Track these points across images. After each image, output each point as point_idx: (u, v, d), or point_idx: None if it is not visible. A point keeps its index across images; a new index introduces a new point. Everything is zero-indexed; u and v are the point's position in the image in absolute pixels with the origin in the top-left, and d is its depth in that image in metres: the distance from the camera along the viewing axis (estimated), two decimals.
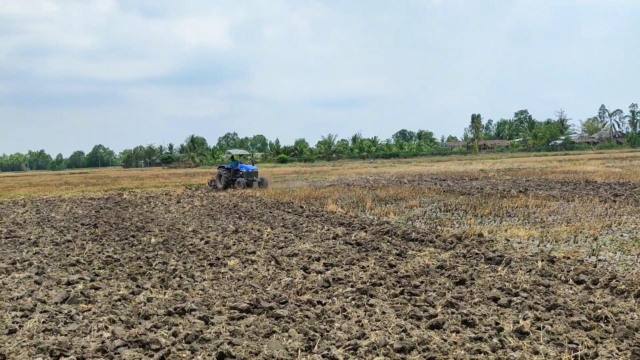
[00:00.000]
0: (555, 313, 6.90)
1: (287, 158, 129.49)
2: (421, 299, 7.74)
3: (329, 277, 9.19)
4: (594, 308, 6.99)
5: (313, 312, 7.33)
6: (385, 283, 8.75)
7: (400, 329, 6.48)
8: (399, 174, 48.92)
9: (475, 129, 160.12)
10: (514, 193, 24.01)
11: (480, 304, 7.46)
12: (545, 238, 12.62)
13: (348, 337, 6.25)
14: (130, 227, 17.24)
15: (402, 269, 9.71)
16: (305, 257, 11.14)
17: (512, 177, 35.49)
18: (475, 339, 6.07)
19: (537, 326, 6.39)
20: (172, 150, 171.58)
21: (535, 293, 7.90)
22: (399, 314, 7.15)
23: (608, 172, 36.40)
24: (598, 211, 16.97)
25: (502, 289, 8.19)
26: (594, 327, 6.34)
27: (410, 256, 10.93)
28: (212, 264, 10.95)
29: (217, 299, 8.26)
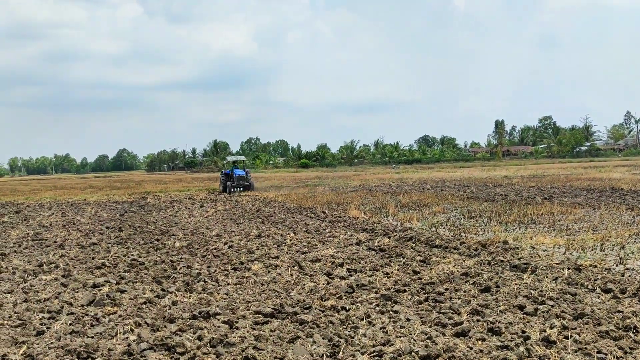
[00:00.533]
0: (583, 322, 6.81)
1: (309, 163, 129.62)
2: (446, 306, 7.69)
3: (353, 283, 9.18)
4: (622, 317, 6.89)
5: (337, 318, 7.32)
6: (410, 289, 8.71)
7: (426, 336, 6.44)
8: (421, 179, 48.72)
9: (498, 135, 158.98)
10: (539, 200, 23.78)
11: (506, 312, 7.39)
12: (571, 246, 12.47)
13: (373, 344, 6.23)
14: (155, 231, 17.38)
15: (426, 276, 9.66)
16: (328, 263, 11.13)
17: (537, 184, 35.15)
18: (502, 347, 6.01)
19: (564, 335, 6.32)
20: (195, 154, 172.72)
21: (561, 301, 7.81)
22: (424, 320, 7.11)
23: (635, 180, 35.90)
24: (625, 219, 16.74)
25: (528, 297, 8.11)
26: (622, 336, 6.25)
27: (434, 263, 10.87)
28: (235, 268, 10.99)
29: (241, 303, 8.29)
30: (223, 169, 42.27)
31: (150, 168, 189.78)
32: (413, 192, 31.91)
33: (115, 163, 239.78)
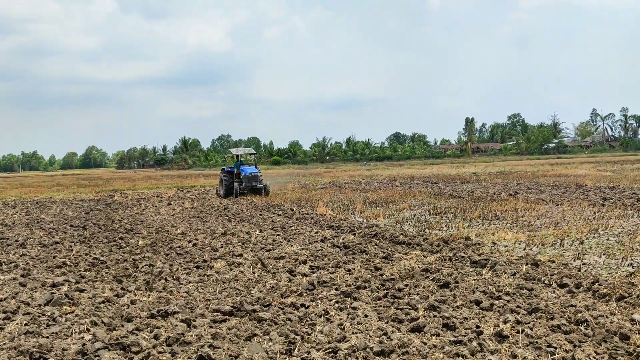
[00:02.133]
0: (536, 316, 6.93)
1: (280, 160, 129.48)
2: (404, 302, 7.75)
3: (314, 280, 9.20)
4: (574, 312, 7.02)
5: (296, 315, 7.34)
6: (370, 286, 8.76)
7: (381, 332, 6.49)
8: (391, 176, 49.00)
9: (468, 132, 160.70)
10: (504, 196, 24.08)
11: (463, 307, 7.48)
12: (531, 241, 12.66)
13: (329, 340, 6.26)
14: (119, 229, 17.22)
15: (388, 272, 9.73)
16: (292, 260, 11.15)
17: (504, 181, 35.60)
18: (455, 342, 6.09)
19: (517, 330, 6.42)
20: (166, 151, 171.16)
21: (517, 296, 7.94)
22: (381, 317, 7.17)
23: (599, 176, 36.57)
24: (586, 215, 17.05)
25: (485, 292, 8.22)
26: (573, 330, 6.37)
27: (396, 259, 10.95)
28: (198, 266, 10.95)
29: (200, 301, 8.26)
30: (225, 166, 32.13)
31: (119, 165, 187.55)
32: (382, 188, 32.09)
33: (84, 161, 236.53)
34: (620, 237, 13.03)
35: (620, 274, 9.24)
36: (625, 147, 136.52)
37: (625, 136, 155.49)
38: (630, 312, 7.15)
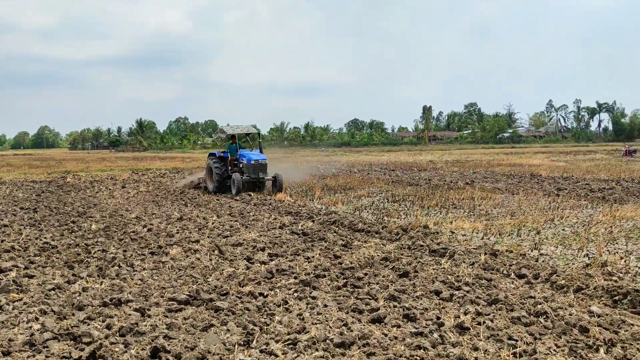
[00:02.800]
0: (496, 308, 6.91)
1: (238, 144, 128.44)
2: (364, 292, 7.66)
3: (273, 268, 9.04)
4: (534, 303, 7.03)
5: (254, 305, 7.16)
6: (329, 275, 8.65)
7: (342, 323, 6.38)
8: (349, 163, 49.04)
9: (426, 120, 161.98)
10: (461, 185, 24.29)
11: (423, 298, 7.43)
12: (489, 231, 12.73)
13: (288, 331, 6.12)
14: (71, 213, 16.72)
15: (347, 260, 9.63)
16: (249, 247, 10.95)
17: (460, 169, 35.95)
18: (416, 334, 6.01)
19: (477, 321, 6.38)
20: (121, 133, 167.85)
21: (477, 287, 7.92)
22: (341, 307, 7.05)
23: (552, 166, 37.24)
24: (541, 205, 17.27)
25: (445, 282, 8.19)
26: (533, 322, 6.37)
27: (355, 247, 10.87)
28: (153, 252, 10.66)
29: (155, 289, 8.02)
30: (216, 148, 25.75)
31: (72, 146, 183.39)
32: (340, 175, 32.03)
33: (35, 141, 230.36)
34: (575, 227, 13.22)
35: (577, 265, 9.33)
36: (577, 138, 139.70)
37: (577, 127, 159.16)
38: (588, 303, 7.20)
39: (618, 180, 25.27)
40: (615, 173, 30.08)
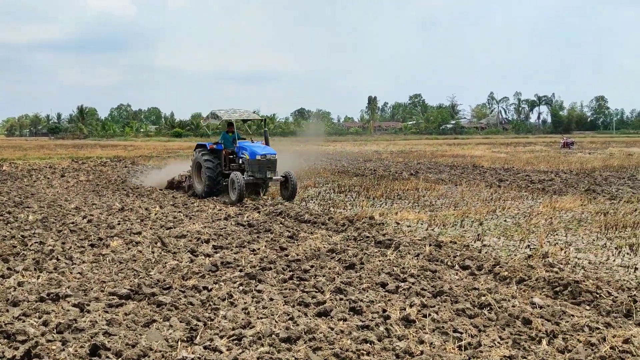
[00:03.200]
0: (441, 300, 6.96)
1: (182, 132, 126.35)
2: (310, 285, 7.60)
3: (217, 261, 8.88)
4: (478, 295, 7.11)
5: (198, 299, 7.01)
6: (275, 267, 8.54)
7: (288, 317, 6.29)
8: (295, 152, 48.88)
9: (371, 110, 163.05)
10: (405, 175, 24.53)
11: (369, 290, 7.41)
12: (433, 222, 12.87)
13: (233, 327, 6.00)
14: (7, 203, 16.07)
15: (293, 252, 9.55)
16: (194, 239, 10.73)
17: (405, 159, 36.32)
18: (362, 327, 5.99)
19: (423, 314, 6.40)
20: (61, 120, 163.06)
21: (422, 279, 7.96)
22: (287, 300, 6.97)
23: (494, 157, 38.01)
24: (484, 196, 17.58)
25: (391, 274, 8.20)
26: (477, 314, 6.43)
27: (302, 239, 10.79)
28: (93, 244, 10.32)
29: (95, 283, 7.75)
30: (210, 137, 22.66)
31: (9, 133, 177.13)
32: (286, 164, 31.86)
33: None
34: (517, 218, 13.49)
35: (519, 257, 9.50)
36: (517, 129, 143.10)
37: (517, 119, 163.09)
38: (530, 295, 7.33)
39: (557, 172, 25.96)
40: (554, 164, 30.92)
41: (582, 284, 7.42)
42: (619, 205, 15.12)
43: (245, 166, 16.99)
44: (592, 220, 13.12)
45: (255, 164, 16.66)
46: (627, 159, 36.02)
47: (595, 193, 17.85)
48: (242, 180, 16.04)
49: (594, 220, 13.07)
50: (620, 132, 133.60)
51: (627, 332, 5.83)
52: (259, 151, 16.75)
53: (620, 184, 20.57)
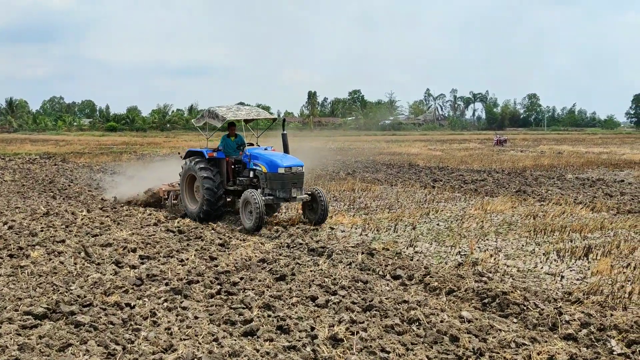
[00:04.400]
0: (371, 315, 6.87)
1: (117, 126, 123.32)
2: (238, 300, 7.38)
3: (143, 273, 8.55)
4: (407, 308, 7.05)
5: (119, 318, 6.69)
6: (203, 280, 8.27)
7: (212, 338, 6.07)
8: None
9: (311, 105, 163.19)
10: (342, 175, 24.53)
11: (298, 305, 7.26)
12: (367, 226, 12.84)
13: (153, 350, 5.73)
14: None
15: (223, 263, 9.30)
16: (120, 248, 10.31)
17: (342, 157, 36.37)
18: (289, 348, 5.83)
19: (352, 331, 6.28)
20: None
21: (353, 291, 7.86)
22: (213, 318, 6.74)
23: (430, 155, 38.54)
24: (418, 197, 17.71)
25: (322, 285, 8.07)
26: (406, 331, 6.37)
27: (233, 247, 10.56)
28: (12, 254, 9.79)
29: (10, 301, 7.30)
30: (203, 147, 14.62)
31: None
32: None
33: None
34: (449, 222, 13.61)
35: (450, 265, 9.55)
36: (453, 126, 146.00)
37: (453, 116, 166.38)
38: (460, 307, 7.34)
39: (489, 171, 26.46)
40: (487, 163, 31.55)
41: (510, 295, 7.47)
42: (548, 208, 15.47)
43: (261, 182, 13.22)
44: (521, 223, 13.35)
45: (277, 179, 12.90)
46: (557, 157, 37.10)
47: (525, 194, 18.24)
48: (260, 202, 12.27)
49: (524, 223, 13.31)
50: (551, 128, 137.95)
51: (552, 348, 5.88)
52: (281, 162, 12.99)
53: (550, 184, 21.10)
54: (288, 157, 13.37)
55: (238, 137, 14.71)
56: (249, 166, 13.63)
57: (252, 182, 13.53)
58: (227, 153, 14.15)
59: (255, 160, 13.45)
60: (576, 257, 10.21)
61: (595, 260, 9.94)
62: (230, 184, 13.98)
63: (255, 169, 13.39)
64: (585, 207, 15.43)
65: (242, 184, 13.72)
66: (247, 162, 13.68)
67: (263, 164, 13.17)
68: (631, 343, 6.10)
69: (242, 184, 13.73)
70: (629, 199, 17.38)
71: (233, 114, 14.30)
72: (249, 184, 13.58)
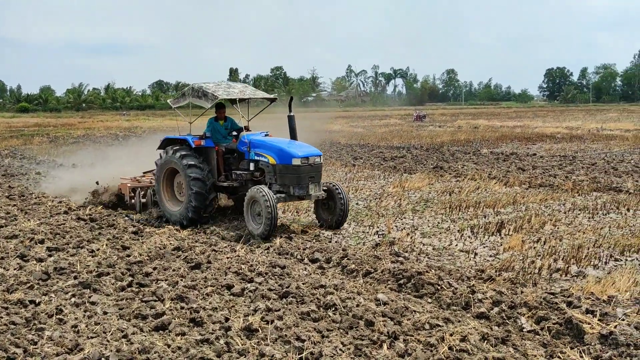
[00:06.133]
0: (287, 302, 6.77)
1: (29, 107, 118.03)
2: (150, 292, 7.11)
3: (50, 267, 8.13)
4: (324, 293, 6.99)
5: (22, 317, 6.33)
6: (114, 272, 7.95)
7: (121, 334, 5.82)
8: (152, 129, 47.14)
9: None
10: None
11: (213, 295, 7.07)
12: (286, 208, 12.76)
13: (57, 352, 5.43)
14: None
15: (136, 252, 8.99)
16: (26, 240, 9.77)
17: None
18: (202, 342, 5.66)
19: (267, 320, 6.18)
20: None
21: (270, 277, 7.75)
22: (123, 313, 6.47)
23: (351, 133, 38.82)
24: (339, 176, 17.78)
25: (238, 273, 7.92)
26: (322, 317, 6.31)
27: (147, 235, 10.23)
28: None
29: None
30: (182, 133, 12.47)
31: None
32: (141, 144, 30.57)
33: None
34: (368, 201, 13.70)
35: (368, 245, 9.60)
36: (374, 102, 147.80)
37: (375, 92, 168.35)
38: (376, 289, 7.36)
39: (409, 147, 26.88)
40: (406, 139, 32.06)
41: (425, 275, 7.55)
42: (464, 183, 15.82)
43: (268, 176, 10.92)
44: (438, 200, 13.59)
45: (290, 172, 10.54)
46: (473, 132, 38.10)
47: (442, 170, 18.61)
48: (273, 202, 9.96)
49: (440, 200, 13.55)
50: (468, 103, 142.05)
51: (465, 328, 5.95)
52: (296, 151, 10.64)
53: (466, 160, 21.62)
54: (302, 145, 11.05)
55: (228, 121, 12.34)
56: (248, 157, 11.26)
57: (253, 177, 11.18)
58: (216, 140, 11.80)
59: (257, 150, 11.05)
60: (489, 233, 10.47)
61: (507, 236, 10.22)
62: (221, 178, 11.54)
63: (259, 161, 11.01)
64: (499, 182, 15.88)
65: (240, 179, 11.29)
66: (246, 152, 11.28)
67: (270, 154, 10.77)
68: (540, 319, 6.26)
69: (240, 179, 11.28)
70: (540, 172, 18.01)
71: (225, 92, 11.88)
72: (248, 179, 11.20)
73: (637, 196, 13.63)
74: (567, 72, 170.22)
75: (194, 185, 10.92)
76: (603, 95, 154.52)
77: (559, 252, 9.06)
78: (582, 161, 20.77)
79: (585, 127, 42.09)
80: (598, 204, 12.74)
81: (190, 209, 11.06)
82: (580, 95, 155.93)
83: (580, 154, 23.44)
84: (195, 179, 10.93)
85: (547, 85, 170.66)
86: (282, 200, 10.63)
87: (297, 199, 10.81)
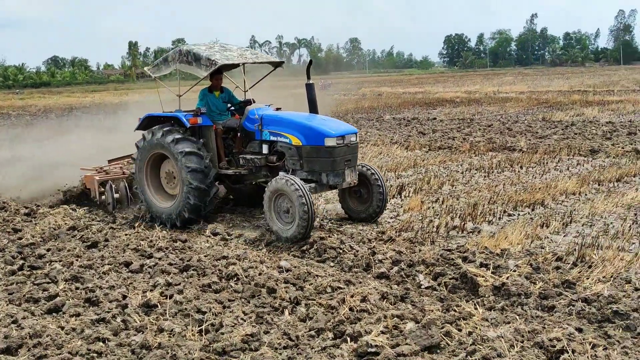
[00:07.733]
0: (188, 275, 6.65)
1: None
2: (43, 274, 6.80)
3: None
4: (226, 264, 6.92)
5: None
6: (4, 256, 7.56)
7: (11, 320, 5.52)
8: (47, 107, 45.06)
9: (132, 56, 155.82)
10: None
11: (110, 272, 6.84)
12: None
13: None
14: None
15: (29, 234, 8.57)
16: None
17: None
18: (97, 321, 5.45)
19: (166, 295, 6.04)
20: None
21: (170, 251, 7.59)
22: (13, 298, 6.15)
23: None
24: None
25: (137, 249, 7.71)
26: (224, 288, 6.24)
27: (40, 216, 9.77)
28: None
29: None
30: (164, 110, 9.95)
31: None
32: (35, 123, 29.17)
33: None
34: None
35: None
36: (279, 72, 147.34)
37: None
38: (279, 256, 7.36)
39: None
40: None
41: (327, 240, 7.63)
42: (367, 149, 16.04)
43: (289, 161, 8.80)
44: None
45: (323, 156, 8.48)
46: (377, 99, 38.68)
47: None
48: (308, 196, 7.89)
49: None
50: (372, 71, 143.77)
51: (366, 288, 6.04)
52: (329, 129, 8.56)
53: (370, 126, 21.92)
54: (333, 121, 9.20)
55: (225, 92, 10.14)
56: (259, 137, 9.13)
57: (268, 162, 9.04)
58: (213, 117, 9.63)
59: (273, 128, 8.93)
60: (390, 195, 10.65)
61: (407, 198, 10.46)
62: (223, 165, 9.44)
63: (276, 141, 8.90)
64: (400, 147, 16.22)
65: (251, 165, 9.17)
66: (257, 131, 9.11)
67: (293, 133, 8.67)
68: (437, 276, 6.46)
69: (251, 165, 9.14)
70: (440, 135, 18.53)
71: (224, 57, 9.32)
72: (262, 165, 9.06)
73: (529, 154, 14.27)
74: (466, 38, 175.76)
75: (192, 178, 8.70)
76: (499, 59, 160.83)
77: (456, 211, 9.36)
78: (479, 123, 21.52)
79: (483, 90, 43.69)
80: (493, 163, 13.26)
81: (188, 207, 8.84)
82: (478, 61, 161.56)
83: (477, 117, 24.27)
84: (193, 171, 8.71)
85: (447, 52, 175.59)
86: (312, 191, 8.36)
87: (329, 188, 8.89)
